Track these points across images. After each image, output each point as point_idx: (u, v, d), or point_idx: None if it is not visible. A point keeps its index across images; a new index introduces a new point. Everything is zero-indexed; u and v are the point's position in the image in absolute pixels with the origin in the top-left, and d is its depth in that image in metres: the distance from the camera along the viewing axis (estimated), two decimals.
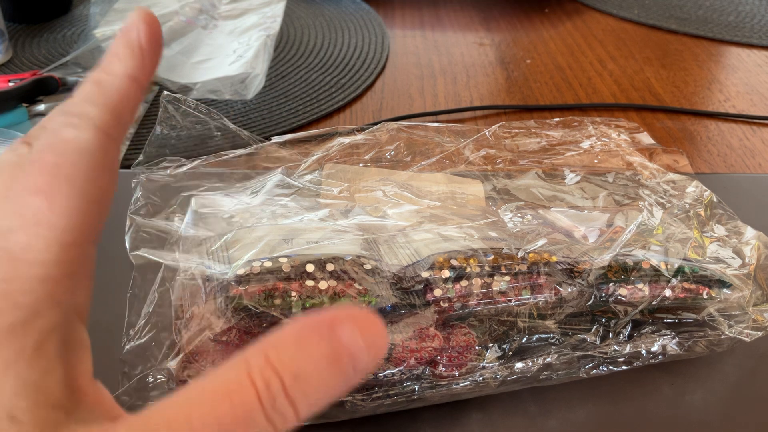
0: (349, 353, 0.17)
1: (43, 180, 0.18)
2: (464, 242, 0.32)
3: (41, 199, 0.18)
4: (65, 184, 0.18)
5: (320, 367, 0.17)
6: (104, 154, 0.19)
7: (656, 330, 0.33)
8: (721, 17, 0.78)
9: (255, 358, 0.17)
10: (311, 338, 0.17)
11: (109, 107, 0.20)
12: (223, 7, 0.70)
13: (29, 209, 0.18)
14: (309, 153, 0.40)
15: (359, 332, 0.17)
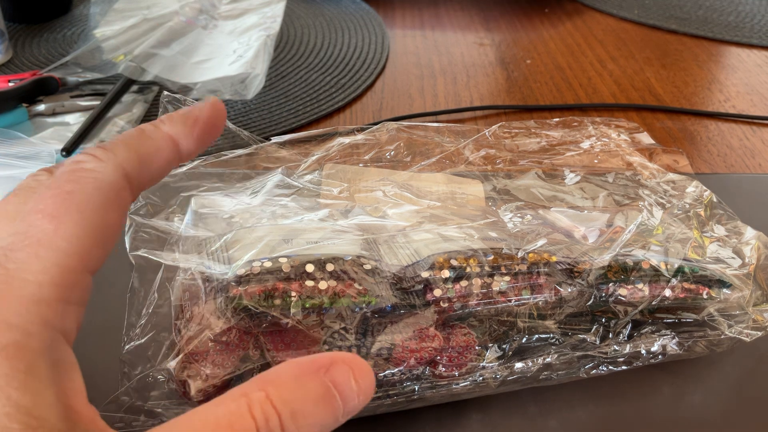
0: (341, 394, 0.19)
1: (54, 204, 0.19)
2: (464, 242, 0.32)
3: (48, 221, 0.18)
4: (74, 211, 0.19)
5: (315, 405, 0.19)
6: (118, 192, 0.20)
7: (656, 330, 0.33)
8: (721, 17, 0.78)
9: (255, 394, 0.18)
10: (308, 378, 0.19)
11: (138, 153, 0.21)
12: (223, 7, 0.70)
13: (34, 229, 0.18)
14: (309, 153, 0.40)
15: (353, 376, 0.19)
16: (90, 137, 0.52)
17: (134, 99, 0.58)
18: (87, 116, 0.53)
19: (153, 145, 0.22)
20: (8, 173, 0.46)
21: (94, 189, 0.19)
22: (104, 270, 0.39)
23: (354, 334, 0.29)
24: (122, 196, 0.20)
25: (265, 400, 0.18)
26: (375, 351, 0.30)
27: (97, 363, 0.34)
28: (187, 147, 0.23)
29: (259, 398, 0.18)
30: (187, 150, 0.23)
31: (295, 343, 0.29)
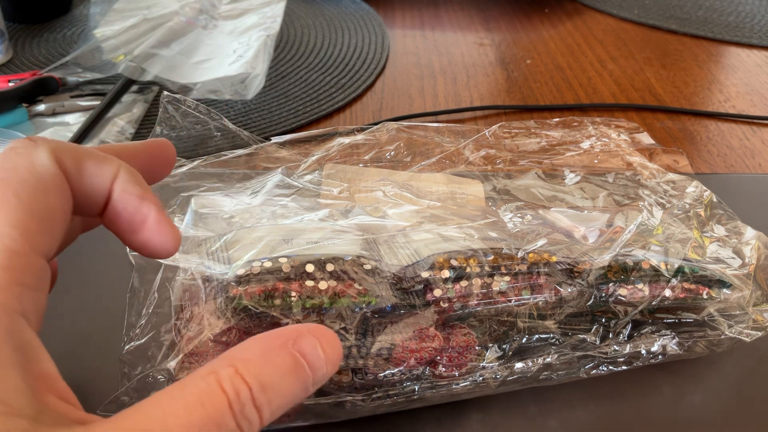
0: (310, 364, 0.20)
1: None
2: (464, 242, 0.32)
3: None
4: (11, 196, 0.19)
5: (284, 376, 0.19)
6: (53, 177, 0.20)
7: (656, 330, 0.33)
8: (721, 17, 0.78)
9: (224, 369, 0.18)
10: (276, 351, 0.19)
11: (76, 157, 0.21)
12: (223, 7, 0.70)
13: None
14: (309, 153, 0.40)
15: (320, 345, 0.20)
16: (90, 137, 0.52)
17: (134, 99, 0.58)
18: (87, 116, 0.53)
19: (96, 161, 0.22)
20: None
21: (28, 173, 0.20)
22: (104, 270, 0.39)
23: (354, 334, 0.29)
24: (59, 180, 0.20)
25: (234, 375, 0.18)
26: (375, 351, 0.30)
27: (97, 363, 0.34)
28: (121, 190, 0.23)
29: (228, 373, 0.18)
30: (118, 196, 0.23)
31: None
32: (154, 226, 0.22)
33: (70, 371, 0.33)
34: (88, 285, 0.38)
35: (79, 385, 0.33)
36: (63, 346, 0.30)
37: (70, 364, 0.32)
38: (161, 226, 0.22)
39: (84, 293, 0.37)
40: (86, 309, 0.36)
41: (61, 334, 0.34)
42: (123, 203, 0.22)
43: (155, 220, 0.22)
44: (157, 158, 0.26)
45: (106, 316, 0.35)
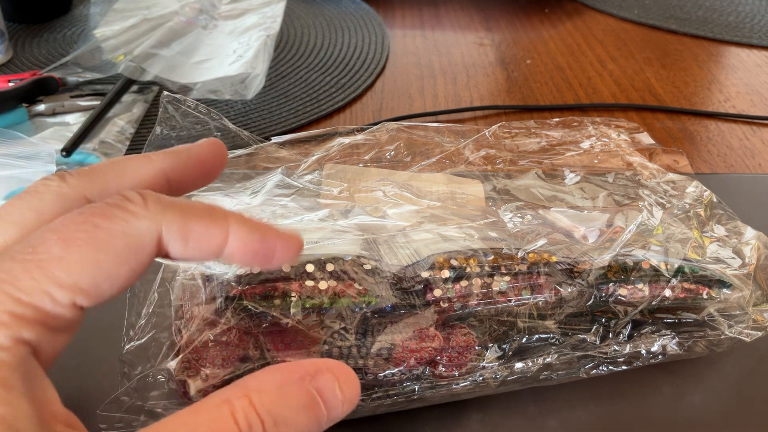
0: (326, 402, 0.19)
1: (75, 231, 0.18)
2: (464, 242, 0.32)
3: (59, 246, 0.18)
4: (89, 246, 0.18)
5: (298, 413, 0.18)
6: (144, 249, 0.19)
7: (656, 330, 0.33)
8: (721, 17, 0.78)
9: (238, 400, 0.18)
10: (293, 387, 0.19)
11: (186, 228, 0.19)
12: (223, 7, 0.70)
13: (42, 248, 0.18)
14: (309, 153, 0.40)
15: (338, 384, 0.19)
16: (90, 137, 0.52)
17: (134, 99, 0.58)
18: (87, 116, 0.53)
19: (206, 228, 0.20)
20: (8, 173, 0.46)
21: (121, 233, 0.18)
22: None
23: (354, 334, 0.29)
24: (146, 253, 0.19)
25: (248, 407, 0.18)
26: (375, 351, 0.30)
27: (97, 363, 0.34)
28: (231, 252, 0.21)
29: (242, 405, 0.18)
30: (229, 255, 0.21)
31: (295, 343, 0.29)
32: (284, 252, 0.21)
33: (70, 371, 0.33)
34: None
35: (79, 385, 0.33)
36: None
37: (70, 364, 0.32)
38: (289, 247, 0.21)
39: None
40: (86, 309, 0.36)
41: None
42: (245, 257, 0.21)
43: (283, 248, 0.21)
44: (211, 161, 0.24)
45: (106, 316, 0.35)
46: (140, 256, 0.19)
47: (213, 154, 0.24)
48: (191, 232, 0.20)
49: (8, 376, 0.17)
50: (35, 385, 0.18)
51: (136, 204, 0.19)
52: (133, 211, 0.19)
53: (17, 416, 0.16)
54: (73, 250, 0.18)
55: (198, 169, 0.23)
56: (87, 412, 0.19)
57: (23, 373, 0.17)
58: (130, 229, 0.18)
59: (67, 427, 0.18)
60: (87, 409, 0.19)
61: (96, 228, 0.18)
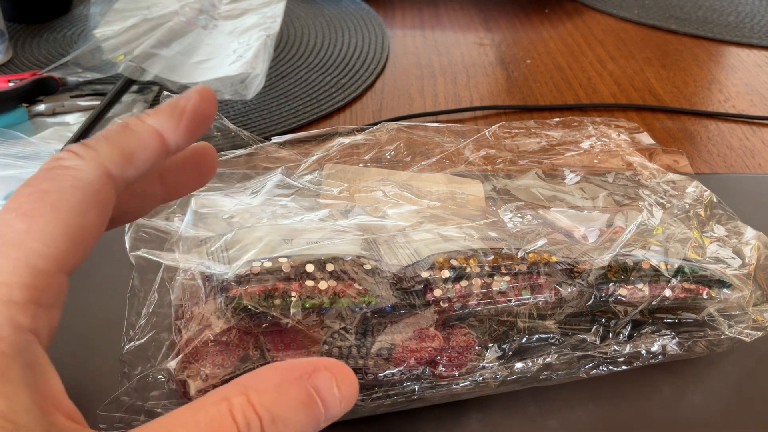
0: (324, 401, 0.19)
1: (29, 202, 0.18)
2: (464, 242, 0.32)
3: (20, 220, 0.18)
4: (49, 210, 0.18)
5: (296, 411, 0.18)
6: (97, 191, 0.19)
7: (656, 330, 0.33)
8: (721, 17, 0.78)
9: (236, 398, 0.18)
10: (291, 385, 0.19)
11: (123, 150, 0.20)
12: (223, 7, 0.70)
13: (7, 228, 0.18)
14: (309, 153, 0.40)
15: (335, 383, 0.19)
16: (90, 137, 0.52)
17: (134, 99, 0.58)
18: (87, 116, 0.53)
19: (137, 140, 0.21)
20: (8, 173, 0.46)
21: (71, 188, 0.19)
22: (104, 270, 0.39)
23: (354, 334, 0.29)
24: (103, 195, 0.20)
25: (246, 405, 0.18)
26: (375, 351, 0.30)
27: (97, 363, 0.34)
28: (175, 140, 0.22)
29: (240, 402, 0.18)
30: (175, 143, 0.22)
31: (295, 343, 0.29)
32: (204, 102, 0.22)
33: (70, 371, 0.33)
34: (88, 285, 0.38)
35: (79, 385, 0.33)
36: (63, 345, 0.30)
37: (70, 364, 0.32)
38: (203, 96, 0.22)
39: (84, 293, 0.37)
40: (86, 309, 0.36)
41: (61, 333, 0.34)
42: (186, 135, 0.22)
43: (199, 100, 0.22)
44: (202, 165, 0.25)
45: (106, 316, 0.35)
46: (99, 200, 0.19)
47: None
48: (130, 152, 0.20)
49: (7, 367, 0.16)
50: (37, 374, 0.18)
51: (69, 158, 0.19)
52: (72, 165, 0.19)
53: (16, 410, 0.16)
54: (36, 219, 0.18)
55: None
56: (87, 412, 0.19)
57: (24, 363, 0.17)
58: (76, 182, 0.19)
59: (67, 419, 0.18)
60: (87, 409, 0.19)
61: (47, 193, 0.18)
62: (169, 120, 0.21)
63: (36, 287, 0.17)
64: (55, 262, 0.18)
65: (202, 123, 0.22)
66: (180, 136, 0.22)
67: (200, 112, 0.22)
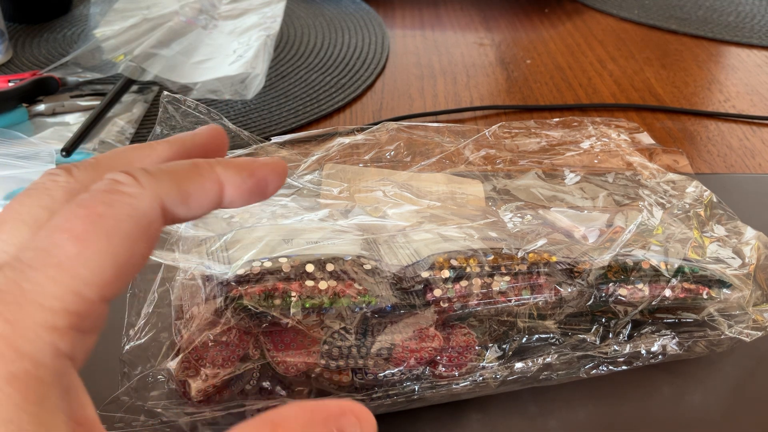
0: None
1: (83, 225, 0.17)
2: (464, 242, 0.32)
3: (72, 244, 0.17)
4: (102, 237, 0.18)
5: None
6: (150, 223, 0.19)
7: (656, 330, 0.33)
8: (721, 17, 0.78)
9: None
10: (318, 427, 0.19)
11: (183, 189, 0.20)
12: (223, 7, 0.70)
13: (57, 250, 0.17)
14: (309, 153, 0.40)
15: (360, 427, 0.20)
16: (90, 137, 0.52)
17: (134, 99, 0.58)
18: (87, 116, 0.53)
19: (200, 184, 0.20)
20: (8, 173, 0.46)
21: (127, 216, 0.18)
22: None
23: (354, 334, 0.29)
24: (154, 228, 0.19)
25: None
26: (375, 351, 0.30)
27: (97, 363, 0.34)
28: (232, 198, 0.21)
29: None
30: (231, 200, 0.21)
31: (295, 343, 0.29)
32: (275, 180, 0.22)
33: None
34: None
35: None
36: None
37: None
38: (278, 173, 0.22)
39: None
40: None
41: None
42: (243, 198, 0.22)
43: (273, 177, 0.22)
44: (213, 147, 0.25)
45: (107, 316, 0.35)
46: (150, 232, 0.19)
47: (214, 139, 0.24)
48: (189, 194, 0.20)
49: (46, 394, 0.16)
50: (73, 400, 0.18)
51: (129, 184, 0.19)
52: (130, 192, 0.19)
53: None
54: (88, 244, 0.17)
55: (200, 155, 0.23)
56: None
57: (61, 390, 0.17)
58: (133, 211, 0.18)
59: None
60: None
61: (102, 218, 0.18)
62: (236, 176, 0.21)
63: (79, 314, 0.17)
64: (100, 290, 0.18)
65: (264, 193, 0.22)
66: (239, 196, 0.21)
67: (267, 183, 0.22)
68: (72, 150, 0.49)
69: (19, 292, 0.16)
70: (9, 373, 0.16)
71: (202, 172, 0.21)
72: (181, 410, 0.29)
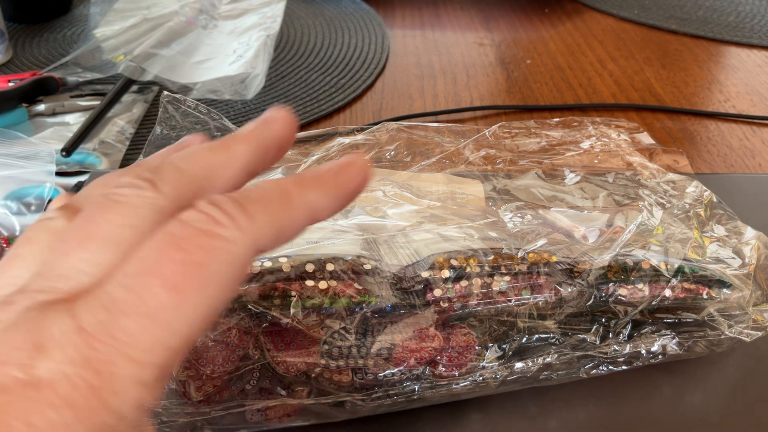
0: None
1: (180, 275, 0.16)
2: (464, 242, 0.32)
3: (167, 294, 0.16)
4: (199, 289, 0.16)
5: None
6: (246, 267, 0.18)
7: (656, 330, 0.33)
8: (721, 17, 0.78)
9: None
10: None
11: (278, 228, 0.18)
12: (223, 7, 0.70)
13: (151, 298, 0.16)
14: (309, 153, 0.40)
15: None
16: (90, 137, 0.52)
17: (134, 99, 0.58)
18: (87, 116, 0.53)
19: (293, 219, 0.19)
20: (8, 173, 0.46)
21: (226, 265, 0.17)
22: None
23: (354, 334, 0.29)
24: (246, 271, 0.18)
25: None
26: (375, 351, 0.30)
27: None
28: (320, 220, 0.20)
29: None
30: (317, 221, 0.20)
31: (295, 343, 0.29)
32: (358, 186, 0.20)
33: None
34: None
35: None
36: None
37: None
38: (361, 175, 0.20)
39: None
40: None
41: None
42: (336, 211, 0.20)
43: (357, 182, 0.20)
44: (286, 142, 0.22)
45: None
46: (243, 275, 0.18)
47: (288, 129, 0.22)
48: (283, 230, 0.19)
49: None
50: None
51: (228, 226, 0.17)
52: (229, 238, 0.17)
53: None
54: (184, 296, 0.16)
55: (274, 155, 0.22)
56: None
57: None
58: (233, 259, 0.17)
59: None
60: None
61: (201, 267, 0.16)
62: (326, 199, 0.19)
63: (167, 366, 0.16)
64: (188, 341, 0.17)
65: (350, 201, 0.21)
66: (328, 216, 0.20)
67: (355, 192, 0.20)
68: (72, 150, 0.49)
69: (111, 341, 0.15)
70: (93, 425, 0.15)
71: (295, 204, 0.19)
72: (181, 410, 0.29)
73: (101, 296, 0.16)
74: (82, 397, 0.15)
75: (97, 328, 0.15)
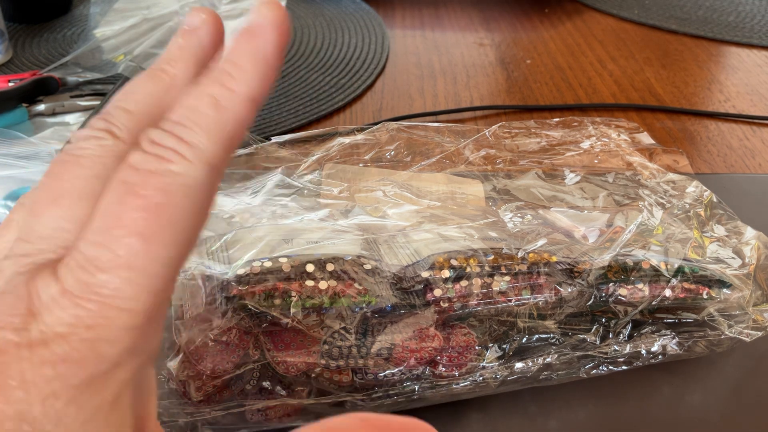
0: None
1: (144, 220, 0.16)
2: (464, 242, 0.32)
3: (139, 242, 0.16)
4: (167, 230, 0.17)
5: None
6: (207, 195, 0.18)
7: (656, 330, 0.33)
8: (721, 17, 0.78)
9: None
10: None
11: (224, 141, 0.18)
12: (223, 7, 0.70)
13: (123, 250, 0.16)
14: (309, 153, 0.40)
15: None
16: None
17: None
18: (87, 116, 0.53)
19: (233, 122, 0.18)
20: (8, 173, 0.46)
21: (184, 198, 0.17)
22: None
23: (354, 334, 0.30)
24: (210, 196, 0.18)
25: None
26: (375, 351, 0.30)
27: None
28: (262, 99, 0.19)
29: None
30: (262, 102, 0.19)
31: (295, 343, 0.29)
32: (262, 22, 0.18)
33: None
34: None
35: None
36: None
37: None
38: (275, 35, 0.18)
39: None
40: None
41: None
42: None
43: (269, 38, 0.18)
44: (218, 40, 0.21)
45: None
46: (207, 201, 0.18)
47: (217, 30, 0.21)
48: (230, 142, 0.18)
49: (120, 393, 0.16)
50: (142, 399, 0.17)
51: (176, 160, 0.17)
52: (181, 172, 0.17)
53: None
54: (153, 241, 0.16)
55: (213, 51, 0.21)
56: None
57: (134, 388, 0.17)
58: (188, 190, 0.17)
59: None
60: None
61: (160, 207, 0.16)
62: (261, 84, 0.18)
63: (154, 309, 0.17)
64: (169, 280, 0.17)
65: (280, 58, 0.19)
66: (267, 88, 0.19)
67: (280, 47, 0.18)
68: None
69: (96, 297, 0.16)
70: (88, 376, 0.15)
71: (229, 106, 0.18)
72: (181, 410, 0.29)
73: (77, 256, 0.16)
74: (77, 351, 0.15)
75: (81, 287, 0.16)
